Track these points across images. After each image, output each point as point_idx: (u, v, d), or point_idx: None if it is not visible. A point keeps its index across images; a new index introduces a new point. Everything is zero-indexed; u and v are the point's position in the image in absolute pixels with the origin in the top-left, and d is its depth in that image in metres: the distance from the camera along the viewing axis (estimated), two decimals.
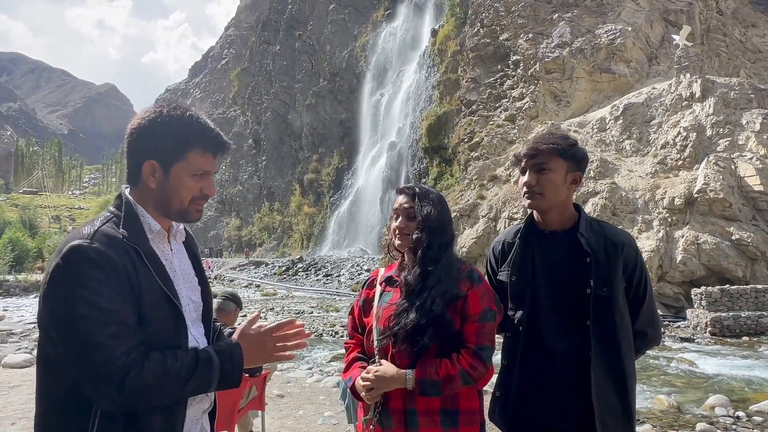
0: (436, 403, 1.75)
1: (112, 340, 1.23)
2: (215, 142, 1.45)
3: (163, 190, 1.43)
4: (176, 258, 1.51)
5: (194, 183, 1.44)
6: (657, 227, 16.54)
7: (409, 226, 1.87)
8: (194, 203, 1.46)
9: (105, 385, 1.23)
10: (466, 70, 30.00)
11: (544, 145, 1.92)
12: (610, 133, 21.03)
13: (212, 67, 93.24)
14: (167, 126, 1.40)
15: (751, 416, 6.46)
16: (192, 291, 1.53)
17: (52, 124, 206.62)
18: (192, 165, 1.42)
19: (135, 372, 1.23)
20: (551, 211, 1.95)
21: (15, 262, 33.10)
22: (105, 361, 1.22)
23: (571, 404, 1.84)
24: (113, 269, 1.27)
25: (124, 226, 1.38)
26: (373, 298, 1.94)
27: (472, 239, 20.84)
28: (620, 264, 1.86)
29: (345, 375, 1.93)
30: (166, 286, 1.37)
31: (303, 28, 57.26)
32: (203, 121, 1.45)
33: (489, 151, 25.83)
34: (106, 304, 1.24)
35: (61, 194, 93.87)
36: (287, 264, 36.06)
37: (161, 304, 1.35)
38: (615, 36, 24.36)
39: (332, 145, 50.75)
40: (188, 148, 1.41)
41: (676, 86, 20.31)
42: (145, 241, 1.39)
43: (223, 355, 1.36)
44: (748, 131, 17.52)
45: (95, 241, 1.29)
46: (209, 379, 1.33)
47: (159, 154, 1.41)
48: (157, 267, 1.38)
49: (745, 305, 12.84)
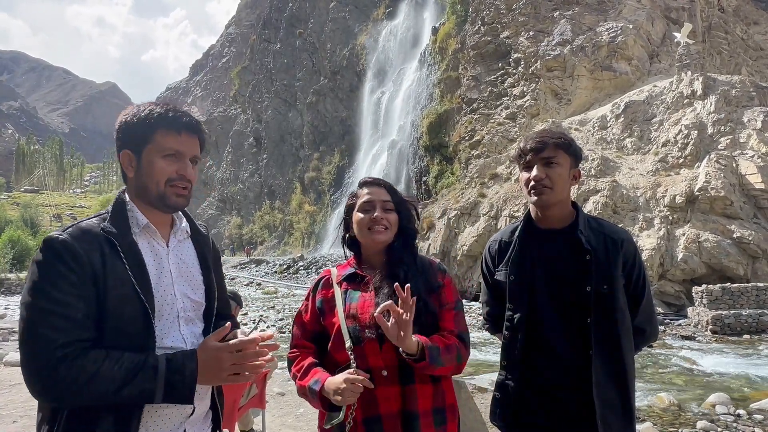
0: (429, 403, 1.69)
1: (53, 333, 1.24)
2: (176, 119, 1.46)
3: (139, 177, 1.46)
4: (173, 255, 1.51)
5: (167, 165, 1.45)
6: (658, 225, 16.52)
7: (388, 218, 1.80)
8: (172, 186, 1.45)
9: (35, 375, 1.24)
10: (466, 68, 29.95)
11: (551, 140, 1.90)
12: (611, 131, 21.00)
13: (213, 65, 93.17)
14: (135, 115, 1.46)
15: (752, 414, 6.47)
16: (191, 289, 1.52)
17: (53, 122, 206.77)
18: (160, 145, 1.44)
19: (65, 367, 1.23)
20: (554, 207, 1.92)
21: (16, 260, 33.17)
22: (40, 352, 1.23)
23: (572, 404, 1.82)
24: (76, 263, 1.29)
25: (109, 220, 1.41)
26: (332, 299, 1.79)
27: (473, 237, 20.83)
28: (620, 261, 1.85)
29: (306, 380, 1.70)
30: (138, 281, 1.36)
31: (304, 27, 57.21)
32: (170, 106, 1.49)
33: (490, 149, 25.80)
34: (59, 295, 1.26)
35: (62, 193, 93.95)
36: (288, 262, 36.08)
37: (129, 299, 1.34)
38: (616, 34, 24.30)
39: (333, 144, 50.72)
40: (153, 129, 1.44)
41: (678, 84, 20.26)
42: (125, 234, 1.40)
43: (172, 366, 1.30)
44: (749, 129, 17.48)
45: (66, 234, 1.33)
46: (151, 389, 1.28)
47: (130, 142, 1.46)
48: (134, 260, 1.38)
49: (746, 303, 12.83)
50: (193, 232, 1.61)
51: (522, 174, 1.97)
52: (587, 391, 1.78)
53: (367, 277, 1.80)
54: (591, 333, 1.80)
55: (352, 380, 1.58)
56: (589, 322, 1.80)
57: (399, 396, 1.66)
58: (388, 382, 1.66)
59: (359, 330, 1.69)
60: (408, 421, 1.64)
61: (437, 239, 22.80)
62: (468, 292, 20.54)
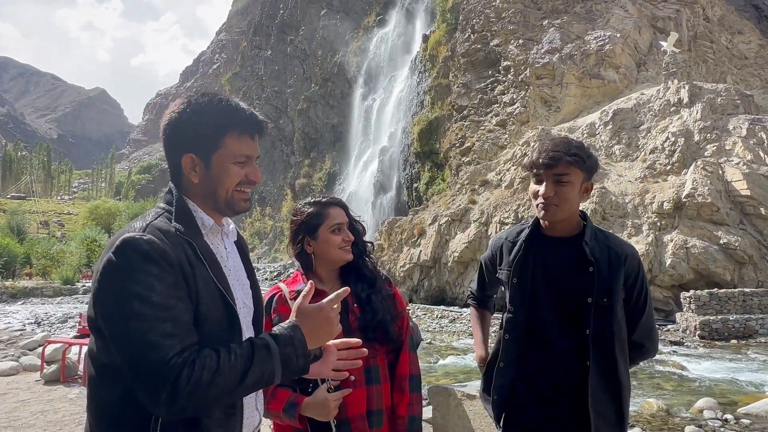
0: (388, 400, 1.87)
1: (166, 339, 1.14)
2: (250, 122, 1.35)
3: (207, 182, 1.34)
4: (230, 257, 1.43)
5: (239, 170, 1.35)
6: (646, 231, 16.68)
7: (351, 237, 1.94)
8: (240, 192, 1.36)
9: (158, 388, 1.12)
10: (457, 75, 30.15)
11: (566, 157, 1.83)
12: (600, 138, 21.21)
13: (203, 71, 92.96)
14: (198, 115, 1.32)
15: (739, 419, 6.52)
16: (245, 294, 1.45)
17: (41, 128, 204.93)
18: (231, 151, 1.33)
19: (187, 372, 1.12)
20: (562, 222, 1.93)
21: (3, 267, 32.72)
22: (158, 362, 1.12)
23: (567, 409, 1.84)
24: (168, 263, 1.19)
25: (177, 219, 1.30)
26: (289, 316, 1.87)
27: (464, 244, 20.88)
28: (622, 275, 1.85)
29: (274, 404, 1.72)
30: (221, 284, 1.28)
31: (295, 33, 57.30)
32: (234, 103, 1.36)
33: (480, 156, 25.94)
34: (160, 299, 1.16)
35: (49, 199, 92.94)
36: (278, 269, 35.94)
37: (216, 303, 1.26)
38: (604, 42, 24.61)
39: (324, 150, 50.71)
40: (224, 133, 1.32)
41: (665, 92, 20.54)
42: (199, 236, 1.31)
43: (281, 339, 1.24)
44: (734, 136, 17.75)
45: (148, 234, 1.21)
46: (271, 368, 1.21)
47: (195, 146, 1.33)
48: (213, 263, 1.30)
49: (733, 308, 12.98)
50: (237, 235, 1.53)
51: (532, 185, 1.95)
52: (582, 397, 1.80)
53: (326, 293, 1.85)
54: (589, 344, 1.81)
55: (336, 398, 1.70)
56: (588, 334, 1.81)
57: (365, 397, 1.81)
58: (356, 385, 1.78)
59: None
60: (371, 417, 1.80)
61: (428, 246, 22.82)
62: (459, 298, 20.55)
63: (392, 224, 26.36)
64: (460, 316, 17.50)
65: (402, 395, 1.88)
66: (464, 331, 15.15)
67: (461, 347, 12.62)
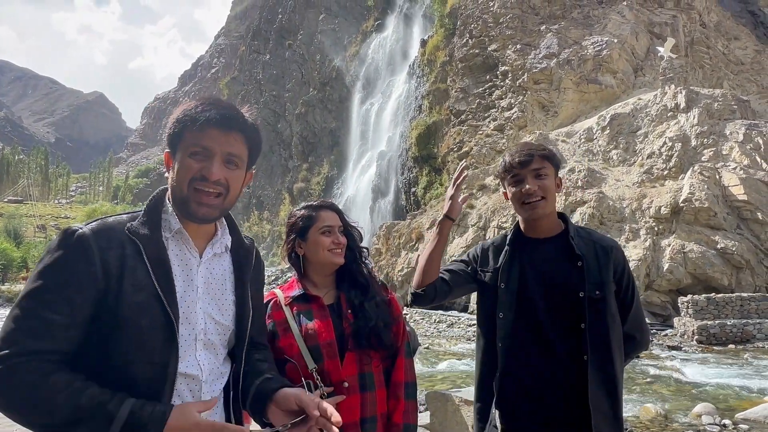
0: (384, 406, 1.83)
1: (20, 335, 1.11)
2: (202, 114, 1.28)
3: (172, 180, 1.30)
4: (204, 268, 1.34)
5: (194, 163, 1.27)
6: (644, 236, 16.70)
7: (342, 241, 1.93)
8: (194, 191, 1.26)
9: None
10: (455, 80, 30.24)
11: (538, 152, 1.95)
12: (598, 143, 21.27)
13: (202, 75, 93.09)
14: (176, 112, 1.33)
15: (737, 424, 6.51)
16: (217, 309, 1.34)
17: (39, 132, 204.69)
18: (187, 142, 1.28)
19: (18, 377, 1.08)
20: (547, 218, 1.96)
21: None
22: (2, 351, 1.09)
23: (564, 411, 1.83)
24: (86, 258, 1.17)
25: (141, 219, 1.28)
26: (284, 322, 1.83)
27: (462, 248, 20.87)
28: (611, 267, 1.89)
29: None
30: (162, 288, 1.22)
31: (293, 38, 57.44)
32: (205, 97, 1.34)
33: (478, 161, 25.98)
34: (49, 295, 1.14)
35: (47, 203, 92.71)
36: (276, 273, 35.84)
37: (149, 308, 1.20)
38: (601, 48, 24.72)
39: (322, 154, 50.74)
40: (184, 125, 1.29)
41: (662, 97, 20.62)
42: (154, 237, 1.26)
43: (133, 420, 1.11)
44: (731, 141, 17.81)
45: (87, 228, 1.21)
46: None
47: (170, 140, 1.32)
48: (159, 266, 1.24)
49: (731, 313, 12.98)
50: (234, 245, 1.43)
51: (510, 189, 1.98)
52: (580, 397, 1.79)
53: (320, 298, 1.88)
54: (586, 338, 1.81)
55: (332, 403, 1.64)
56: (584, 328, 1.82)
57: (359, 404, 1.77)
58: (349, 392, 1.75)
59: (319, 349, 1.78)
60: (365, 425, 1.76)
61: None
62: (457, 303, 20.53)
63: (390, 228, 26.36)
64: (457, 321, 17.48)
65: (397, 402, 1.86)
66: (462, 335, 15.13)
67: (459, 352, 12.60)
